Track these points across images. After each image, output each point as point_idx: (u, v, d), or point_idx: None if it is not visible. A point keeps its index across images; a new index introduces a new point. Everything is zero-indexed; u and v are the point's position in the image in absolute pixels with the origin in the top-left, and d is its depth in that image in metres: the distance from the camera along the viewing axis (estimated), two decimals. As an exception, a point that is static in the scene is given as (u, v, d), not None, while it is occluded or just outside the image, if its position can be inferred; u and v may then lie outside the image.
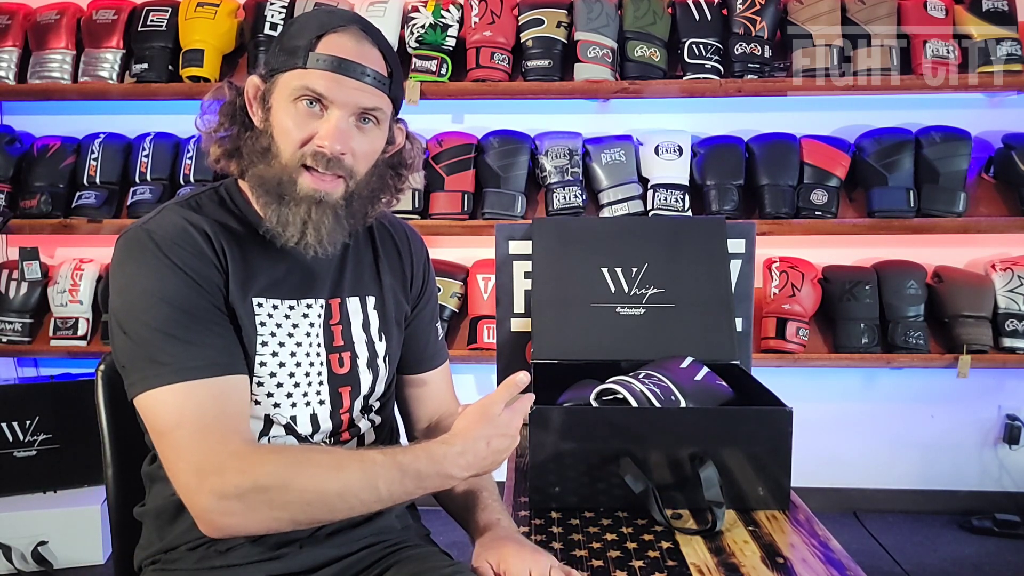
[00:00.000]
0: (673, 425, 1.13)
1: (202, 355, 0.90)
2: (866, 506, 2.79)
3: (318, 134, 0.95)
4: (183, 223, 0.96)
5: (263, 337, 0.98)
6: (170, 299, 0.91)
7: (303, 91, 0.94)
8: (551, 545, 1.03)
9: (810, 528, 1.08)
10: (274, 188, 0.96)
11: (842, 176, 2.55)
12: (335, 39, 0.95)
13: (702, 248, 1.50)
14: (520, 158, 2.58)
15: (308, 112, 0.95)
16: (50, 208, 2.59)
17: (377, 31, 1.01)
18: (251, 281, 0.98)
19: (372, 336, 1.08)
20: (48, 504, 2.36)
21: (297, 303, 1.02)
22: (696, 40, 2.51)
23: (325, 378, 1.03)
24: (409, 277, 1.16)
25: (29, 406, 2.44)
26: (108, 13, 2.61)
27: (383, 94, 0.98)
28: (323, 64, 0.94)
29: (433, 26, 2.53)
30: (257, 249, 1.00)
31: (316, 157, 0.95)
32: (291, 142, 0.95)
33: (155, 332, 0.90)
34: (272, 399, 1.00)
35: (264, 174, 0.97)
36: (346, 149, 0.96)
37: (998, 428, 2.76)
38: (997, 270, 2.59)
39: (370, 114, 0.98)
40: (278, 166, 0.96)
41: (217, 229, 0.98)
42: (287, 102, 0.95)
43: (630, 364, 1.37)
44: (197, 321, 0.91)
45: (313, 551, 1.00)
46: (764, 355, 2.51)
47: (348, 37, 0.96)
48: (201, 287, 0.93)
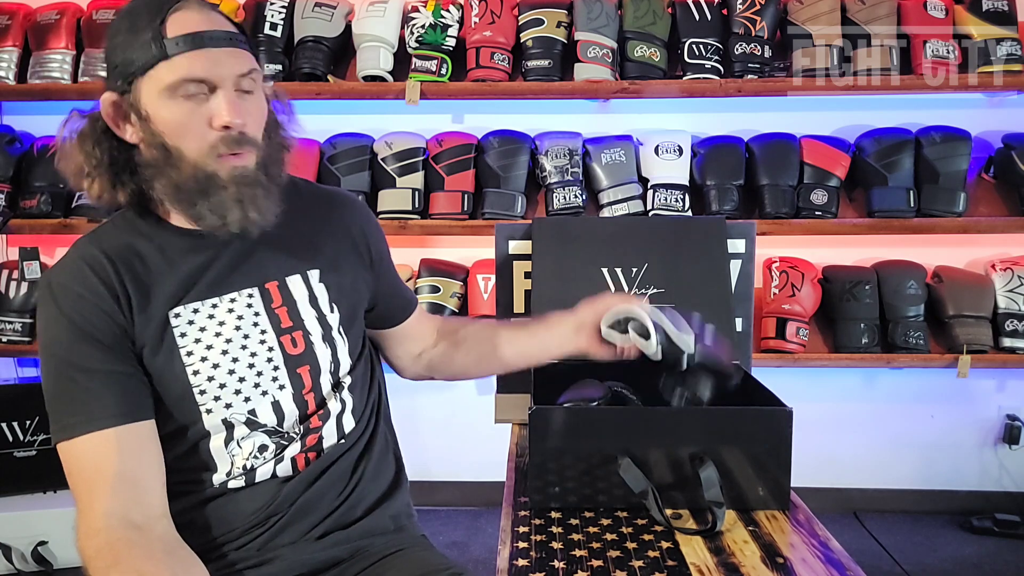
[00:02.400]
0: (673, 425, 1.13)
1: (95, 409, 0.90)
2: (866, 506, 2.79)
3: (215, 116, 0.91)
4: (79, 263, 0.95)
5: (187, 347, 0.96)
6: (60, 353, 0.92)
7: (180, 82, 0.89)
8: (551, 545, 1.03)
9: (810, 528, 1.08)
10: (193, 187, 0.92)
11: (842, 176, 2.55)
12: (180, 17, 0.90)
13: (702, 248, 1.50)
14: (520, 158, 2.58)
15: (193, 100, 0.90)
16: (50, 208, 2.59)
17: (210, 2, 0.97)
18: (163, 296, 0.96)
19: (322, 310, 1.05)
20: (48, 504, 2.35)
21: (220, 299, 0.99)
22: (696, 40, 2.51)
23: (281, 362, 1.00)
24: (359, 239, 1.12)
25: (29, 406, 2.44)
26: (108, 13, 2.61)
27: (248, 52, 0.95)
28: (185, 45, 0.89)
29: (433, 26, 2.53)
30: (169, 260, 0.97)
31: (226, 140, 0.92)
32: (191, 136, 0.91)
33: (53, 387, 0.92)
34: (221, 402, 0.97)
35: (177, 180, 0.92)
36: (245, 119, 0.92)
37: (998, 428, 2.76)
38: (997, 270, 2.59)
39: (248, 77, 0.94)
40: (188, 167, 0.92)
41: (120, 256, 0.96)
42: (165, 100, 0.90)
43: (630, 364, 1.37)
44: (88, 373, 0.91)
45: (303, 553, 1.00)
46: (764, 355, 2.51)
47: (190, 10, 0.91)
48: (90, 336, 0.91)
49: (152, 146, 0.92)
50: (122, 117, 0.94)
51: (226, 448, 0.98)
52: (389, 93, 2.54)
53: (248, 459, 0.99)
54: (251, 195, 0.94)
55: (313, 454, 1.02)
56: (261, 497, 0.99)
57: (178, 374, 0.95)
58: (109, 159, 0.95)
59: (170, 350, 0.95)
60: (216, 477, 0.98)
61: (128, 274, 0.95)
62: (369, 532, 1.05)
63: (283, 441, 1.00)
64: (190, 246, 0.99)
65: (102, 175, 0.95)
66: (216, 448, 0.98)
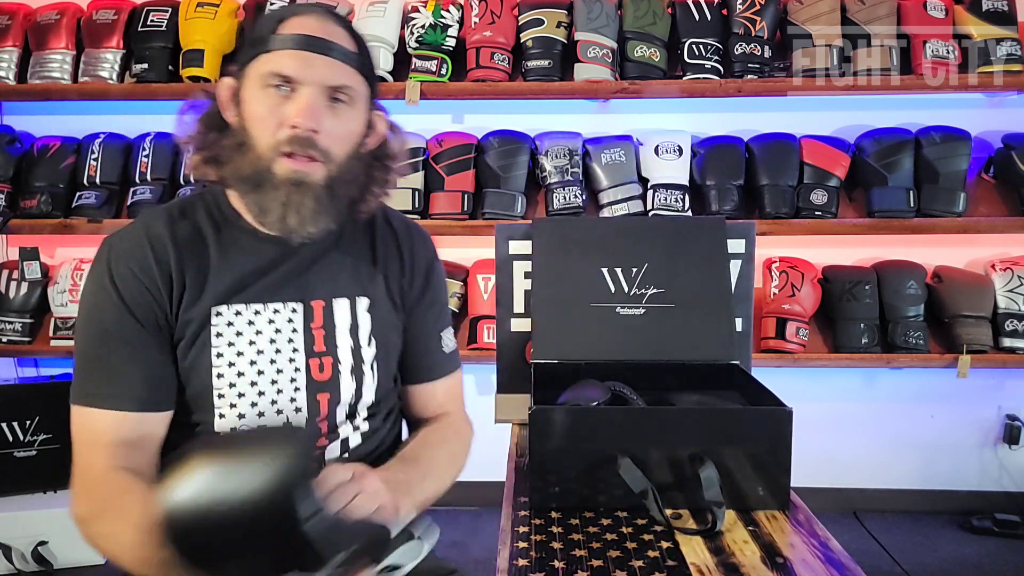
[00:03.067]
0: (673, 425, 1.13)
1: (120, 387, 0.93)
2: (866, 506, 2.79)
3: (289, 115, 0.92)
4: (143, 236, 0.96)
5: (219, 348, 0.96)
6: (101, 321, 0.94)
7: (270, 75, 0.92)
8: (551, 545, 1.03)
9: (810, 528, 1.08)
10: (252, 178, 0.94)
11: (842, 176, 2.55)
12: (298, 20, 0.94)
13: (702, 248, 1.50)
14: (520, 158, 2.58)
15: (278, 96, 0.93)
16: (50, 208, 2.59)
17: (342, 16, 0.99)
18: (213, 291, 0.97)
19: (360, 341, 1.04)
20: (48, 504, 2.36)
21: (264, 307, 0.99)
22: (696, 40, 2.51)
23: (303, 384, 1.00)
24: (408, 278, 1.11)
25: (29, 406, 2.44)
26: (108, 13, 2.61)
27: (352, 70, 0.96)
28: (287, 43, 0.92)
29: (433, 26, 2.53)
30: (229, 256, 0.98)
31: (291, 140, 0.93)
32: (265, 129, 0.93)
33: (85, 350, 0.95)
34: (235, 410, 0.97)
35: (240, 167, 0.95)
36: (318, 127, 0.93)
37: (998, 428, 2.76)
38: (997, 270, 2.59)
39: (341, 92, 0.95)
40: (253, 157, 0.94)
41: (187, 242, 0.97)
42: (257, 90, 0.94)
43: (630, 364, 1.37)
44: (122, 347, 0.93)
45: None
46: (764, 355, 2.51)
47: (311, 18, 0.95)
48: (131, 313, 0.94)
49: (238, 130, 0.96)
50: (231, 101, 0.98)
51: None
52: (389, 93, 2.54)
53: None
54: (299, 202, 0.94)
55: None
56: None
57: (203, 372, 0.96)
58: (211, 137, 0.99)
59: (202, 346, 0.96)
60: None
61: (189, 264, 0.97)
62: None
63: None
64: (253, 247, 1.00)
65: (201, 150, 0.99)
66: None
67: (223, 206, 1.02)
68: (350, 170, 0.99)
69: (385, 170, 1.06)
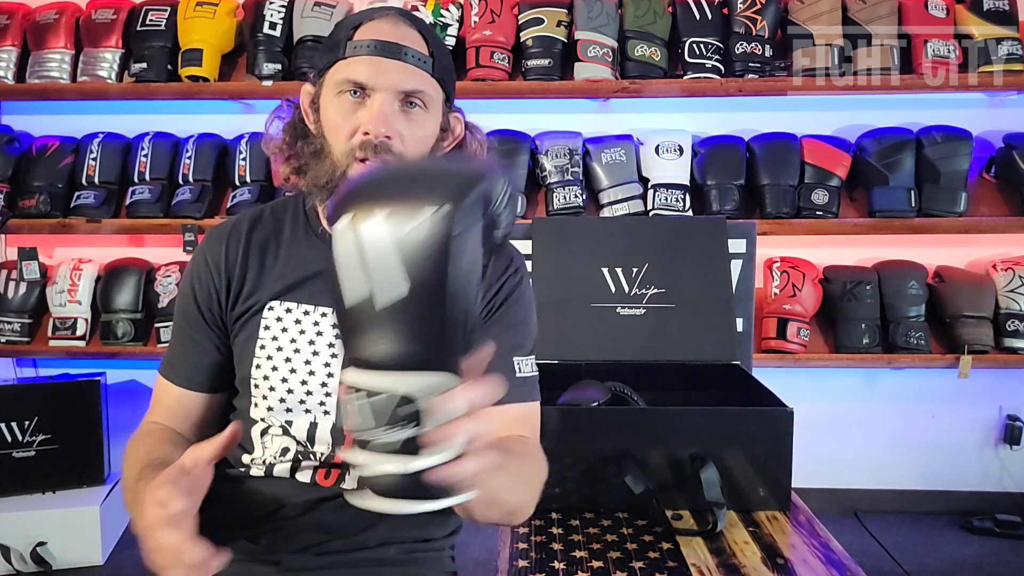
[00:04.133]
0: (673, 425, 1.12)
1: (181, 361, 1.03)
2: (867, 506, 2.78)
3: (362, 121, 0.93)
4: (227, 230, 1.04)
5: (263, 341, 0.99)
6: (179, 301, 1.05)
7: (344, 82, 0.93)
8: (551, 546, 1.03)
9: (811, 528, 1.08)
10: (327, 184, 0.95)
11: (843, 176, 2.54)
12: (372, 25, 0.95)
13: (702, 248, 1.49)
14: (520, 158, 2.57)
15: (352, 103, 0.93)
16: (49, 208, 2.59)
17: (418, 18, 0.99)
18: (272, 286, 1.00)
19: None
20: (47, 504, 2.35)
21: (313, 309, 1.00)
22: (697, 39, 2.51)
23: (334, 389, 0.99)
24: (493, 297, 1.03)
25: (28, 406, 2.44)
26: (107, 13, 2.61)
27: (425, 73, 0.95)
28: (360, 50, 0.93)
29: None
30: (297, 253, 1.02)
31: (364, 146, 0.93)
32: (340, 136, 0.94)
33: (173, 323, 1.07)
34: (266, 402, 0.99)
35: (317, 173, 0.96)
36: (391, 132, 0.93)
37: (999, 428, 2.76)
38: (998, 270, 2.59)
39: (415, 97, 0.95)
40: (330, 163, 0.95)
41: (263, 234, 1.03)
42: (332, 97, 0.95)
43: (630, 364, 1.37)
44: (183, 328, 1.03)
45: (309, 566, 0.99)
46: (765, 355, 2.50)
47: (385, 22, 0.95)
48: (195, 299, 1.02)
49: (317, 137, 0.98)
50: (311, 108, 0.99)
51: (261, 439, 1.01)
52: (389, 93, 2.54)
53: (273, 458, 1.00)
54: None
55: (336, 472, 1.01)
56: (276, 490, 0.99)
57: (246, 360, 1.00)
58: (298, 145, 1.00)
59: (250, 336, 1.00)
60: (246, 458, 1.01)
61: (254, 259, 1.02)
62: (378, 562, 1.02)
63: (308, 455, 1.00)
64: (318, 250, 1.02)
65: (289, 159, 1.01)
66: (255, 434, 1.01)
67: (308, 209, 1.05)
68: None
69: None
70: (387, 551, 1.03)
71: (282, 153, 1.02)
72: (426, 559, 1.06)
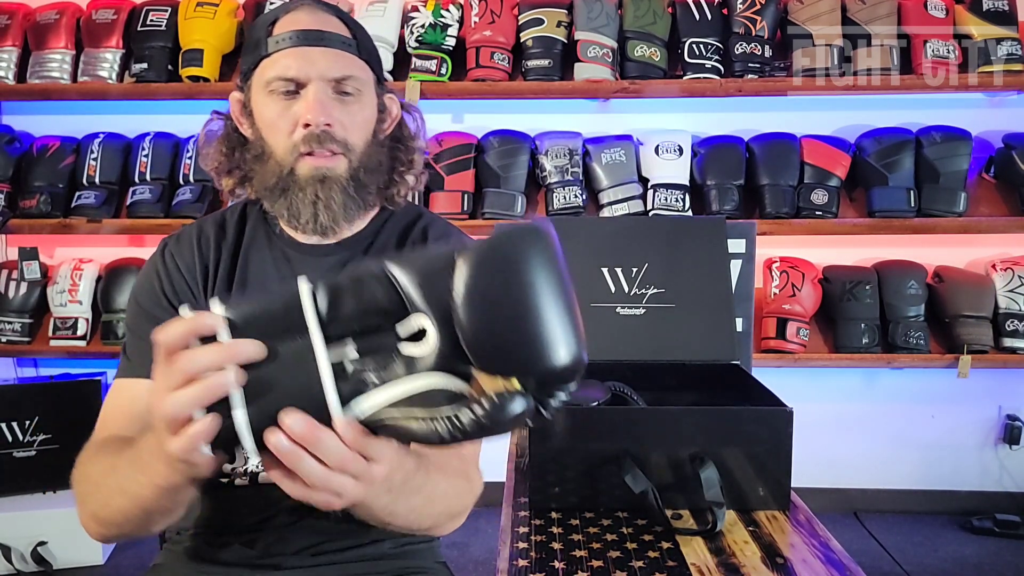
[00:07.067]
0: (673, 425, 1.12)
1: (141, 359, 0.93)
2: (866, 506, 2.79)
3: (299, 114, 0.92)
4: (194, 236, 1.00)
5: None
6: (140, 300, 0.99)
7: (274, 80, 0.92)
8: (551, 546, 1.03)
9: (810, 528, 1.08)
10: (275, 185, 0.94)
11: (842, 176, 2.55)
12: (289, 17, 0.94)
13: (702, 248, 1.49)
14: (520, 158, 2.57)
15: (285, 99, 0.92)
16: (49, 208, 2.59)
17: (332, 4, 0.98)
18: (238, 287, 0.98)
19: None
20: (47, 504, 2.36)
21: None
22: (696, 40, 2.51)
23: None
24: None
25: (28, 406, 2.44)
26: (107, 13, 2.61)
27: (353, 56, 0.95)
28: (283, 43, 0.92)
29: (433, 26, 2.53)
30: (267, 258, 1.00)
31: (307, 139, 0.92)
32: (280, 134, 0.93)
33: (126, 326, 0.99)
34: None
35: (265, 177, 0.95)
36: (331, 120, 0.92)
37: (998, 428, 2.76)
38: (997, 270, 2.59)
39: (347, 83, 0.94)
40: (274, 163, 0.94)
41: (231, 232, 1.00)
42: (263, 97, 0.93)
43: (630, 364, 1.37)
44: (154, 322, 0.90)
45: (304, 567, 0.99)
46: (764, 355, 2.51)
47: (301, 12, 0.94)
48: (165, 296, 0.97)
49: (255, 142, 0.96)
50: (244, 115, 0.98)
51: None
52: (389, 93, 2.54)
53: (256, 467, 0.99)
54: (327, 197, 0.94)
55: None
56: (266, 497, 0.99)
57: None
58: (236, 156, 0.99)
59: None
60: (227, 467, 0.99)
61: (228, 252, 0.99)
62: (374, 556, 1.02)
63: None
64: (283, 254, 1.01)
65: (232, 171, 1.00)
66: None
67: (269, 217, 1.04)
68: (372, 157, 0.99)
69: (408, 151, 1.05)
70: (381, 547, 1.04)
71: (222, 167, 1.00)
72: (418, 551, 1.09)
